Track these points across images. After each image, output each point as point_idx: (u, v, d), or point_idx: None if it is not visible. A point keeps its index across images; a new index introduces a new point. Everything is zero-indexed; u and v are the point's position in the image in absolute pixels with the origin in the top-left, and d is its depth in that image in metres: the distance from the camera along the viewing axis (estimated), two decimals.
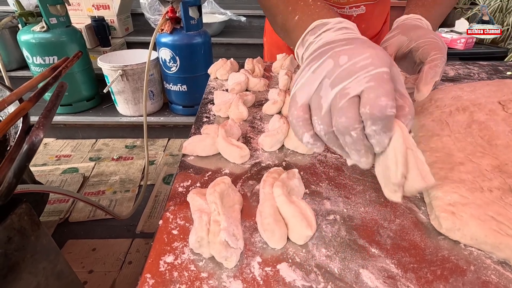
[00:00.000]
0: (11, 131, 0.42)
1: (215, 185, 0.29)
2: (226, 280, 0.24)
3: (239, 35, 2.67)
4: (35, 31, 1.68)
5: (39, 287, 0.46)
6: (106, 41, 2.15)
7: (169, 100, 1.95)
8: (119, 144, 1.94)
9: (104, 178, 1.63)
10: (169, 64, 1.74)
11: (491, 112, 0.45)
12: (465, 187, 0.30)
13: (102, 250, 1.27)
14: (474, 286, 0.25)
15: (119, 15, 2.30)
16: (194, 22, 1.68)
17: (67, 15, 1.78)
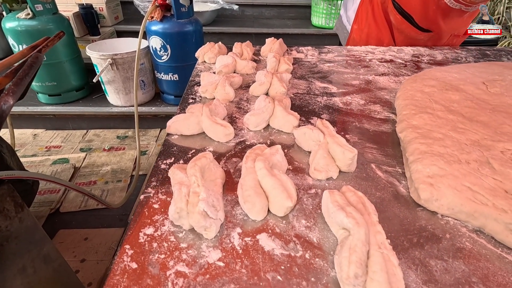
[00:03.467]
0: None
1: (197, 159, 0.29)
2: (205, 250, 0.25)
3: (231, 24, 2.64)
4: (20, 18, 1.63)
5: (26, 270, 0.46)
6: (95, 30, 2.10)
7: (161, 90, 1.92)
8: (110, 134, 1.92)
9: (96, 169, 1.61)
10: (160, 53, 1.71)
11: (474, 91, 0.46)
12: (443, 160, 0.31)
13: (94, 239, 1.26)
14: (449, 252, 0.25)
15: (108, 2, 2.24)
16: (184, 9, 1.65)
17: (53, 2, 1.73)
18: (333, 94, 0.53)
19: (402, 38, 0.83)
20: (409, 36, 0.81)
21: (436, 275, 0.23)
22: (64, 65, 1.82)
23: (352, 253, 0.21)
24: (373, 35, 0.85)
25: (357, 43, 0.89)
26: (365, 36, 0.88)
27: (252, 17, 2.94)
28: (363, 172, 0.34)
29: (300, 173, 0.34)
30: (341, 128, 0.43)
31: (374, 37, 0.86)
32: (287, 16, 2.97)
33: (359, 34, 0.89)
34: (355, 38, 0.90)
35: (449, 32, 0.82)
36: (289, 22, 2.88)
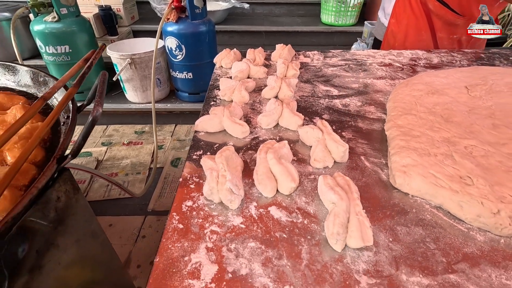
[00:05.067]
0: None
1: (222, 151, 0.38)
2: (231, 217, 0.34)
3: (242, 23, 2.70)
4: (47, 21, 1.75)
5: (79, 242, 0.56)
6: (113, 30, 2.21)
7: (176, 87, 2.03)
8: (129, 130, 2.04)
9: (116, 162, 1.74)
10: (175, 52, 1.81)
11: (456, 95, 0.53)
12: (416, 153, 0.39)
13: (118, 225, 1.39)
14: (412, 221, 0.33)
15: (125, 3, 2.34)
16: (198, 11, 1.73)
17: (76, 5, 1.84)
18: (334, 96, 0.61)
19: (441, 23, 0.92)
20: (448, 22, 0.91)
21: (400, 236, 0.32)
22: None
23: (336, 218, 0.30)
24: (412, 24, 0.95)
25: (396, 34, 0.98)
26: (404, 27, 0.97)
27: (262, 15, 3.00)
28: (353, 162, 0.43)
29: (302, 163, 0.42)
30: (339, 126, 0.51)
31: (413, 26, 0.95)
32: (297, 13, 3.01)
33: (397, 26, 0.98)
34: (393, 30, 0.99)
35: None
36: (299, 19, 2.92)
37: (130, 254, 1.27)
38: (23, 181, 0.32)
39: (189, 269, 0.28)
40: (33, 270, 0.45)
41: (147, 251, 1.29)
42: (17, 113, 0.42)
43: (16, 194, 0.30)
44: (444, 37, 0.93)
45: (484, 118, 0.46)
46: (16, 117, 0.41)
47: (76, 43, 1.87)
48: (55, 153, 0.33)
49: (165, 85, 2.07)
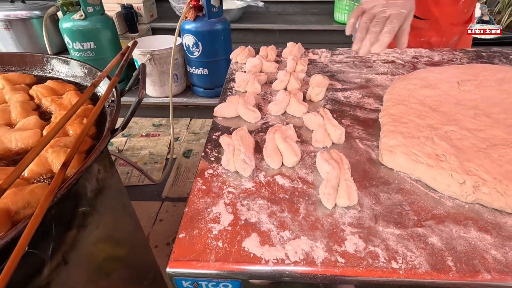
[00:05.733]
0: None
1: (238, 131, 0.46)
2: (244, 182, 0.42)
3: (257, 21, 2.76)
4: (74, 19, 1.87)
5: (113, 209, 0.66)
6: (134, 28, 2.33)
7: (192, 82, 2.12)
8: (147, 122, 2.15)
9: (136, 152, 1.85)
10: (192, 49, 1.90)
11: (447, 88, 0.59)
12: (402, 136, 0.46)
13: (137, 209, 1.48)
14: (394, 190, 0.40)
15: (145, 2, 2.46)
16: (215, 10, 1.82)
17: (101, 4, 1.96)
18: (337, 89, 0.68)
19: None
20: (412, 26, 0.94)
21: (381, 200, 0.39)
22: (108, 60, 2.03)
23: (328, 182, 0.37)
24: None
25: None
26: None
27: (276, 13, 3.05)
28: (349, 144, 0.50)
29: (305, 143, 0.50)
30: (339, 115, 0.58)
31: None
32: (311, 12, 3.05)
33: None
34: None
35: (446, 20, 0.93)
36: (312, 18, 2.96)
37: (148, 236, 1.37)
38: (83, 148, 0.41)
39: (211, 217, 0.36)
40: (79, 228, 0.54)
41: (164, 233, 1.39)
42: (72, 97, 0.51)
43: (81, 157, 0.39)
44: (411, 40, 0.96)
45: (468, 108, 0.52)
46: (71, 101, 0.50)
47: (101, 40, 1.99)
48: (108, 125, 0.41)
49: (181, 80, 2.17)
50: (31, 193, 0.33)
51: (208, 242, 0.33)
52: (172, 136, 1.82)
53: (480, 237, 0.34)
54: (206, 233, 0.34)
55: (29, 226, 0.26)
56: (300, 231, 0.35)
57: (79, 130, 0.43)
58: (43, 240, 0.44)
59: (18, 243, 0.25)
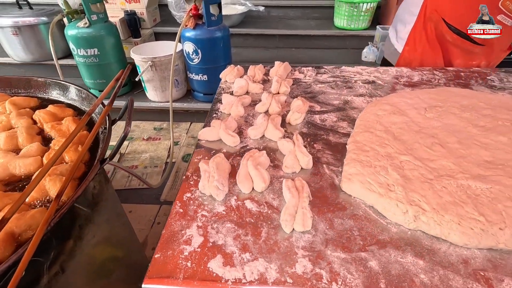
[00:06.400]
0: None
1: (215, 158, 0.52)
2: (216, 206, 0.47)
3: (257, 26, 2.80)
4: (79, 26, 1.94)
5: (109, 220, 0.72)
6: (137, 33, 2.39)
7: (192, 88, 2.19)
8: (148, 126, 2.23)
9: (137, 155, 1.92)
10: (192, 56, 1.96)
11: (414, 115, 0.64)
12: (361, 165, 0.51)
13: (137, 212, 1.57)
14: (348, 216, 0.46)
15: (148, 7, 2.52)
16: (214, 18, 1.87)
17: (105, 12, 2.03)
18: (316, 112, 0.73)
19: (459, 51, 0.99)
20: (466, 50, 0.97)
21: (335, 225, 0.44)
22: (112, 66, 2.13)
23: (287, 209, 0.43)
24: (426, 53, 1.02)
25: (410, 62, 1.06)
26: (418, 55, 1.04)
27: (277, 18, 3.09)
28: (316, 169, 0.55)
29: (277, 168, 0.55)
30: (313, 139, 0.63)
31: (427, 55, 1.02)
32: (311, 16, 3.08)
33: (411, 54, 1.04)
34: (407, 57, 1.06)
35: (498, 47, 0.97)
36: (313, 22, 2.99)
37: (146, 238, 1.44)
38: (77, 174, 0.48)
39: (184, 239, 0.42)
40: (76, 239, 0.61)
41: None
42: (69, 123, 0.57)
43: (74, 184, 0.45)
44: (461, 63, 1.00)
45: (427, 137, 0.57)
46: (68, 127, 0.56)
47: (104, 46, 2.06)
48: (98, 156, 0.48)
49: (182, 85, 2.23)
50: (32, 217, 0.39)
51: (179, 262, 0.39)
52: (172, 141, 1.89)
53: (414, 262, 0.39)
54: (178, 254, 0.40)
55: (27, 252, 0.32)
56: (259, 253, 0.40)
57: (74, 157, 0.49)
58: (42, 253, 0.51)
59: (17, 267, 0.31)
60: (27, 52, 2.37)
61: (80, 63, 2.09)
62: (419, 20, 0.99)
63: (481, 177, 0.47)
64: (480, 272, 0.38)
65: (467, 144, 0.55)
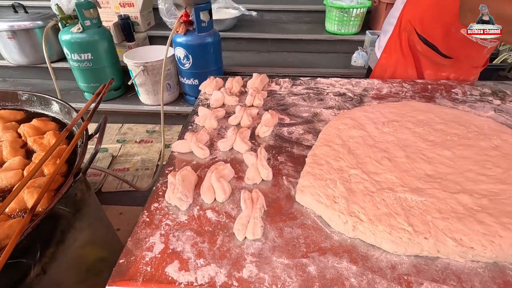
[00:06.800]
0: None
1: (181, 170, 0.57)
2: (180, 215, 0.53)
3: (250, 30, 2.84)
4: (73, 32, 1.99)
5: (91, 226, 0.78)
6: (130, 37, 2.44)
7: (184, 91, 2.23)
8: (141, 128, 2.27)
9: (129, 158, 1.97)
10: (183, 61, 2.01)
11: (372, 130, 0.69)
12: (314, 178, 0.56)
13: (127, 214, 1.62)
14: (297, 225, 0.51)
15: (142, 11, 2.56)
16: (205, 24, 1.91)
17: (98, 17, 2.07)
18: (285, 124, 0.78)
19: (429, 62, 1.03)
20: (435, 62, 1.02)
21: (284, 234, 0.49)
22: (105, 69, 2.18)
23: (240, 219, 0.48)
24: (400, 61, 1.07)
25: (385, 68, 1.11)
26: (393, 62, 1.08)
27: (270, 21, 3.13)
28: (276, 181, 0.60)
29: (240, 179, 0.60)
30: (278, 151, 0.68)
31: (400, 63, 1.07)
32: (304, 20, 3.13)
33: (387, 60, 1.10)
34: (383, 64, 1.11)
35: (469, 62, 1.01)
36: (305, 26, 3.04)
37: None
38: (54, 186, 0.53)
39: (147, 246, 0.47)
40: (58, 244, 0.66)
41: None
42: (50, 138, 0.62)
43: (50, 195, 0.51)
44: (431, 73, 1.04)
45: (379, 151, 0.62)
46: (49, 141, 0.61)
47: (98, 51, 2.11)
48: (73, 170, 0.53)
49: (174, 89, 2.28)
50: (10, 227, 0.44)
51: (140, 267, 0.44)
52: (163, 143, 1.94)
53: (348, 267, 0.45)
54: (140, 260, 0.45)
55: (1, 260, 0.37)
56: (212, 259, 0.46)
57: (52, 170, 0.54)
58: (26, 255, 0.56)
59: None
60: (22, 56, 2.41)
61: (74, 67, 2.13)
62: (395, 30, 1.05)
63: (418, 190, 0.53)
64: (404, 276, 0.43)
65: (413, 158, 0.60)
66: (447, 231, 0.46)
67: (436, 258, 0.46)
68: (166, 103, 2.25)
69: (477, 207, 0.49)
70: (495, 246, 0.44)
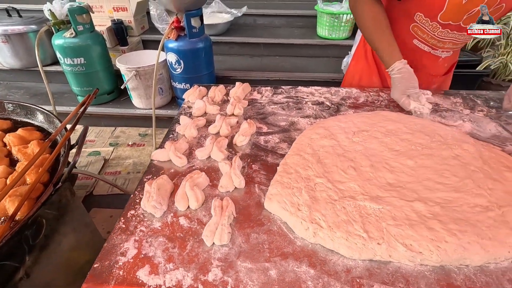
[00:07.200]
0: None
1: (157, 179, 0.61)
2: (154, 222, 0.56)
3: (243, 34, 2.88)
4: (66, 37, 2.01)
5: (75, 231, 0.81)
6: (124, 41, 2.46)
7: (176, 95, 2.26)
8: (134, 132, 2.30)
9: (121, 161, 2.00)
10: (175, 66, 2.04)
11: (342, 139, 0.73)
12: (282, 186, 0.60)
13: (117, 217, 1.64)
14: (264, 231, 0.54)
15: (135, 15, 2.59)
16: (196, 30, 1.95)
17: (91, 22, 2.10)
18: (262, 133, 0.81)
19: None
20: None
21: (250, 239, 0.53)
22: (98, 73, 2.20)
23: (208, 226, 0.52)
24: (365, 69, 1.13)
25: (353, 75, 1.17)
26: (359, 70, 1.15)
27: (263, 25, 3.17)
28: (248, 188, 0.64)
29: (214, 187, 0.64)
30: (253, 160, 0.72)
31: (366, 71, 1.13)
32: (296, 25, 3.17)
33: (355, 68, 1.16)
34: (351, 71, 1.18)
35: (425, 71, 1.06)
36: (297, 31, 3.08)
37: None
38: (35, 194, 0.56)
39: (121, 251, 0.51)
40: (42, 248, 0.69)
41: None
42: (34, 147, 0.66)
43: (31, 203, 0.54)
44: None
45: (346, 161, 0.66)
46: (33, 151, 0.65)
47: (91, 55, 2.14)
48: (53, 179, 0.56)
49: (167, 93, 2.31)
50: None
51: (113, 271, 0.48)
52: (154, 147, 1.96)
53: (307, 271, 0.48)
54: (114, 264, 0.49)
55: None
56: (181, 263, 0.49)
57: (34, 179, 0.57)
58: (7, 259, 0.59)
59: None
60: (16, 59, 2.43)
61: (67, 71, 2.16)
62: (361, 40, 1.11)
63: (377, 198, 0.56)
64: (357, 279, 0.47)
65: (377, 167, 0.64)
66: (399, 237, 0.50)
67: (388, 262, 0.50)
68: (159, 107, 2.28)
69: (430, 214, 0.53)
70: (441, 251, 0.48)
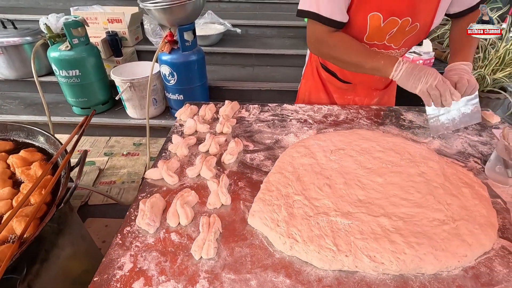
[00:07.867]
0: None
1: (151, 198, 0.67)
2: (148, 238, 0.62)
3: (235, 45, 2.96)
4: (61, 50, 2.06)
5: (73, 244, 0.86)
6: (118, 52, 2.52)
7: (169, 106, 2.33)
8: (128, 141, 2.35)
9: (116, 171, 2.05)
10: (168, 78, 2.10)
11: (320, 158, 0.80)
12: (263, 203, 0.66)
13: (113, 226, 1.69)
14: (247, 245, 0.61)
15: (130, 27, 2.65)
16: (188, 43, 2.02)
17: (86, 35, 2.15)
18: (248, 151, 0.88)
19: (334, 88, 1.18)
20: (337, 86, 1.16)
21: (234, 253, 0.59)
22: (93, 85, 2.25)
23: (196, 242, 0.58)
24: (313, 86, 1.21)
25: (304, 92, 1.24)
26: (308, 87, 1.23)
27: (255, 36, 3.25)
28: (234, 205, 0.70)
29: (202, 204, 0.70)
30: (239, 177, 0.78)
31: (314, 88, 1.21)
32: (287, 35, 3.26)
33: (306, 85, 1.24)
34: (303, 88, 1.25)
35: (365, 85, 1.15)
36: (288, 41, 3.17)
37: None
38: (39, 214, 0.61)
39: (118, 265, 0.57)
40: (42, 261, 0.74)
41: None
42: (36, 169, 0.71)
43: (36, 223, 0.59)
44: (338, 97, 1.18)
45: (323, 178, 0.73)
46: (36, 172, 0.70)
47: (86, 67, 2.19)
48: (56, 200, 0.62)
49: (160, 103, 2.36)
50: (1, 252, 0.53)
51: (111, 284, 0.54)
52: (149, 157, 2.02)
53: (283, 281, 0.55)
54: (112, 277, 0.55)
55: None
56: (172, 275, 0.55)
57: (38, 199, 0.63)
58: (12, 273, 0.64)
59: None
60: (11, 70, 2.47)
61: (62, 83, 2.20)
62: (309, 59, 1.20)
63: (348, 214, 0.63)
64: (327, 287, 0.54)
65: (350, 184, 0.71)
66: (364, 249, 0.57)
67: (355, 271, 0.56)
68: (153, 117, 2.33)
69: (393, 228, 0.60)
70: (400, 261, 0.55)
